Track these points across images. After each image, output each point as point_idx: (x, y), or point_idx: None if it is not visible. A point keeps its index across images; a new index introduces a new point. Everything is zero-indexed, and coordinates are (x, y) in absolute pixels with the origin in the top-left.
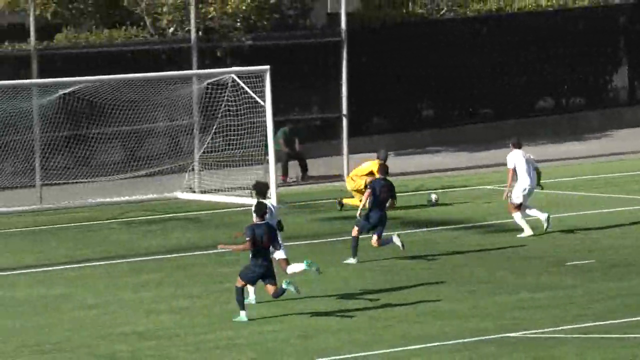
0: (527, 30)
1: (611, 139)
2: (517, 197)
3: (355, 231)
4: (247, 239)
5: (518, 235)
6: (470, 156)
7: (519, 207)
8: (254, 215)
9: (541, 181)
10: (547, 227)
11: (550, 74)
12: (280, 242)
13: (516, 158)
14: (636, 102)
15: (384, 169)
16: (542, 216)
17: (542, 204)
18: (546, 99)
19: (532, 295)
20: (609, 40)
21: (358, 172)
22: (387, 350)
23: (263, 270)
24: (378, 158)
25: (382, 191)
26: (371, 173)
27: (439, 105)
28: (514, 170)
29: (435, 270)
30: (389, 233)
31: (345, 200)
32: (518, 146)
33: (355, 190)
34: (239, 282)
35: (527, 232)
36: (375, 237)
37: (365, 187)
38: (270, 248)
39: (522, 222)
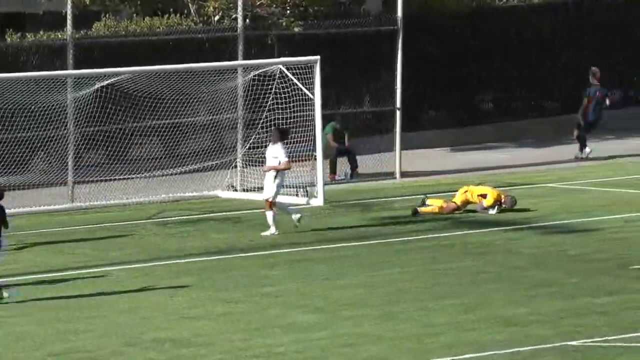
0: (606, 17)
1: None
2: None
3: None
4: None
5: None
6: (532, 152)
7: None
8: None
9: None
10: None
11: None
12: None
13: None
14: None
15: None
16: None
17: (606, 202)
18: (614, 92)
19: (594, 301)
20: None
21: (475, 190)
22: None
23: None
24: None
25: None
26: (485, 196)
27: (500, 98)
28: None
29: (491, 273)
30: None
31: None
32: None
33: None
34: None
35: None
36: None
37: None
38: None
39: None
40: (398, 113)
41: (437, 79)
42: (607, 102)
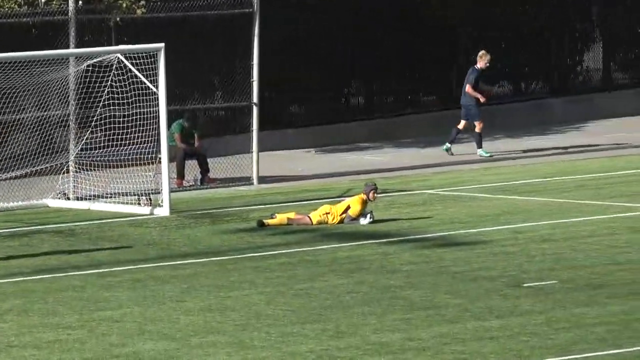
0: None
1: (579, 133)
2: None
3: None
4: None
5: None
6: (408, 153)
7: None
8: None
9: (496, 184)
10: None
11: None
12: None
13: None
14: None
15: None
16: None
17: (496, 211)
18: (503, 83)
19: (481, 324)
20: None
21: (338, 210)
22: None
23: None
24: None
25: None
26: (348, 208)
27: (372, 92)
28: None
29: (362, 293)
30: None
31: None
32: None
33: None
34: None
35: None
36: None
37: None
38: None
39: None
40: (255, 109)
41: (300, 69)
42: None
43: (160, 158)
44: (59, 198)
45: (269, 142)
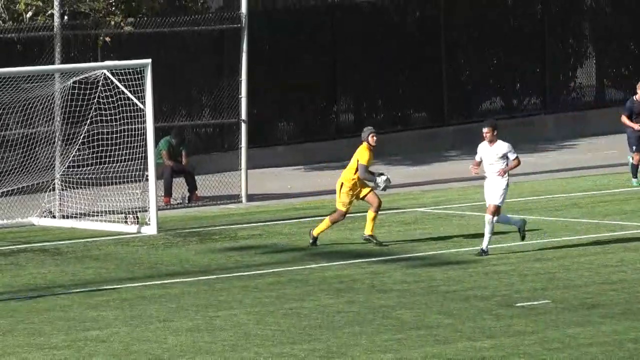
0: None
1: (572, 150)
2: None
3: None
4: None
5: None
6: (398, 171)
7: None
8: None
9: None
10: None
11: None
12: None
13: None
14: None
15: None
16: None
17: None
18: (494, 99)
19: (473, 345)
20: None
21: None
22: None
23: None
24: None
25: None
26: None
27: (361, 108)
28: None
29: (353, 313)
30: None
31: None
32: None
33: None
34: None
35: None
36: None
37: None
38: None
39: None
40: (244, 126)
41: (289, 86)
42: None
43: (147, 176)
44: (45, 216)
45: (257, 160)
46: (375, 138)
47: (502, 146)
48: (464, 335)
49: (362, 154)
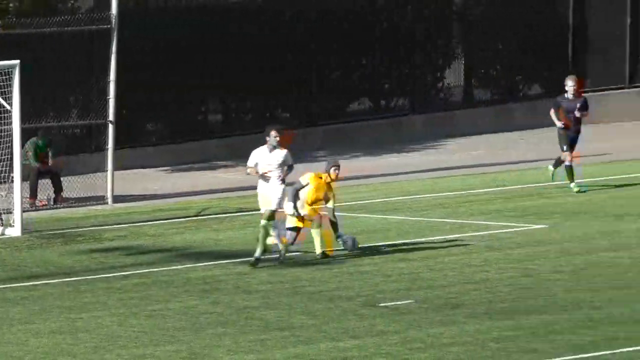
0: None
1: (439, 150)
2: None
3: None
4: None
5: None
6: None
7: None
8: None
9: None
10: None
11: (366, 70)
12: None
13: None
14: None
15: None
16: None
17: (353, 230)
18: (362, 100)
19: (336, 345)
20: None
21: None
22: None
23: None
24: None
25: None
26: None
27: (230, 109)
28: None
29: (217, 314)
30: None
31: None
32: None
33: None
34: None
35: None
36: None
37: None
38: None
39: None
40: (111, 127)
41: (159, 86)
42: None
43: (12, 177)
44: None
45: (126, 161)
46: (336, 174)
47: (281, 153)
48: (328, 336)
49: (315, 185)
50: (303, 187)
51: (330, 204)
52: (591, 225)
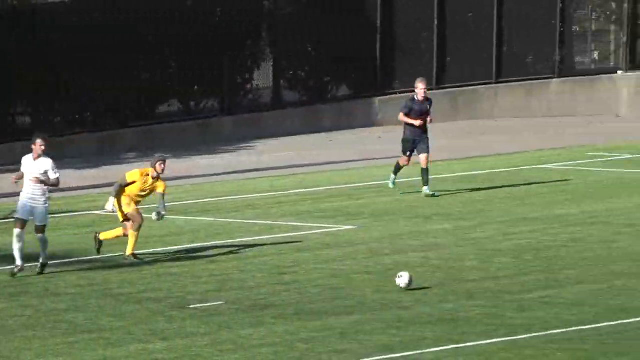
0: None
1: (249, 151)
2: None
3: None
4: None
5: None
6: (75, 174)
7: None
8: None
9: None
10: None
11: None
12: None
13: None
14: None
15: None
16: None
17: (163, 232)
18: (172, 102)
19: (145, 347)
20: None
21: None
22: None
23: None
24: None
25: None
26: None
27: (38, 110)
28: None
29: (25, 318)
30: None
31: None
32: None
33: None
34: None
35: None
36: None
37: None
38: None
39: None
40: None
41: None
42: None
43: None
44: None
45: None
46: (162, 167)
47: (45, 162)
48: (137, 338)
49: (130, 175)
50: (128, 184)
51: (160, 190)
52: (400, 225)
